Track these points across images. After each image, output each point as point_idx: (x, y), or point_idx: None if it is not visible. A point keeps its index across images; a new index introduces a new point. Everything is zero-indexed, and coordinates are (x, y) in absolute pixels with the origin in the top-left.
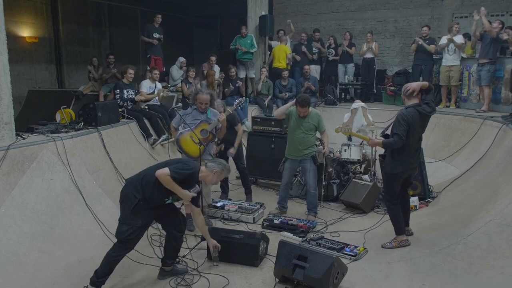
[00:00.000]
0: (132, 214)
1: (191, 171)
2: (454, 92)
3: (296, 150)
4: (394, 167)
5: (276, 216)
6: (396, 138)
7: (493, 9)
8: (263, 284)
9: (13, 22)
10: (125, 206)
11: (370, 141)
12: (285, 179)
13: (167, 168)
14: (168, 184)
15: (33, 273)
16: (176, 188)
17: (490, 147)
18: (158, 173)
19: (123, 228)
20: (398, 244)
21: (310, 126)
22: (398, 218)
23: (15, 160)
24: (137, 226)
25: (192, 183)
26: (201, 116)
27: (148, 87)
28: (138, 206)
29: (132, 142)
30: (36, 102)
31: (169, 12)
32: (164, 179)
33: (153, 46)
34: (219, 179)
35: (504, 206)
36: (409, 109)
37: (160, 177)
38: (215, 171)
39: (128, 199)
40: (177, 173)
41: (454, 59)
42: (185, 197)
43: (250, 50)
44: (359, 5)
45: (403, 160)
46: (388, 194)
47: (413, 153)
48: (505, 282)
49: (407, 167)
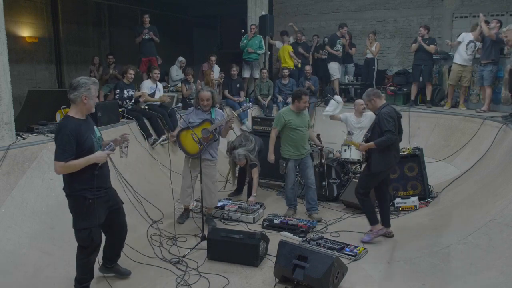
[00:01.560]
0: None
1: (64, 132)
2: (463, 92)
3: (300, 149)
4: (380, 165)
5: (276, 216)
6: (389, 134)
7: (493, 9)
8: (263, 284)
9: (13, 22)
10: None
11: (360, 147)
12: (291, 180)
13: (55, 162)
14: (73, 168)
15: (33, 273)
16: (83, 162)
17: (490, 147)
18: (56, 170)
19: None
20: (376, 234)
21: (307, 121)
22: (372, 209)
23: (15, 160)
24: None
25: (83, 137)
26: (205, 115)
27: (149, 87)
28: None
29: (132, 142)
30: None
31: (169, 12)
32: (64, 169)
33: (145, 46)
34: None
35: (504, 206)
36: (386, 107)
37: (60, 172)
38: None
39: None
40: (64, 150)
41: (469, 60)
42: (100, 159)
43: (258, 52)
44: (359, 5)
45: (393, 156)
46: (364, 190)
47: (398, 147)
48: (506, 282)
49: (393, 162)
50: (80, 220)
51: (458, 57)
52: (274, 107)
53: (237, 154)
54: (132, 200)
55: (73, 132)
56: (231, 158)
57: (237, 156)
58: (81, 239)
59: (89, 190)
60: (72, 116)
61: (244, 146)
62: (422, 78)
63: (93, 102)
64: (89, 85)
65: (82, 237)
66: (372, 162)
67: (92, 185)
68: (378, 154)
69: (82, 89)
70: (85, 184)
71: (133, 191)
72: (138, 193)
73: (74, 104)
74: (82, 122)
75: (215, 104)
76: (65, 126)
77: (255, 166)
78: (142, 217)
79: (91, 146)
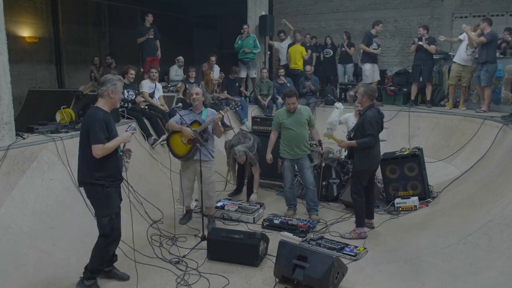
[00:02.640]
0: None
1: (97, 118)
2: (463, 92)
3: (294, 149)
4: (364, 163)
5: (276, 216)
6: (371, 138)
7: (493, 9)
8: (263, 284)
9: (13, 22)
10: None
11: (342, 143)
12: (288, 179)
13: (94, 145)
14: (109, 149)
15: (33, 273)
16: (115, 143)
17: (490, 147)
18: (96, 153)
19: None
20: (357, 236)
21: (302, 120)
22: (362, 211)
23: (15, 160)
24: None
25: (111, 125)
26: (195, 116)
27: (148, 87)
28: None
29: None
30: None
31: (169, 12)
32: (104, 151)
33: (149, 46)
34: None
35: (504, 206)
36: (371, 109)
37: (100, 154)
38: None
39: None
40: (101, 134)
41: (469, 60)
42: (127, 139)
43: (254, 51)
44: (359, 5)
45: (374, 155)
46: (358, 190)
47: (378, 146)
48: (506, 282)
49: (375, 161)
50: (101, 208)
51: (458, 57)
52: (274, 107)
53: (237, 151)
54: (132, 200)
55: (105, 119)
56: (230, 156)
57: (237, 152)
58: (103, 226)
59: (105, 179)
60: (99, 107)
61: (243, 143)
62: (422, 78)
63: (118, 97)
64: (115, 81)
65: (103, 224)
66: (355, 161)
67: (109, 173)
68: (360, 153)
69: (108, 84)
70: (105, 172)
71: (133, 191)
72: (138, 193)
73: (101, 98)
74: (108, 114)
75: (206, 104)
76: (97, 113)
77: (255, 164)
78: (142, 217)
79: (116, 135)
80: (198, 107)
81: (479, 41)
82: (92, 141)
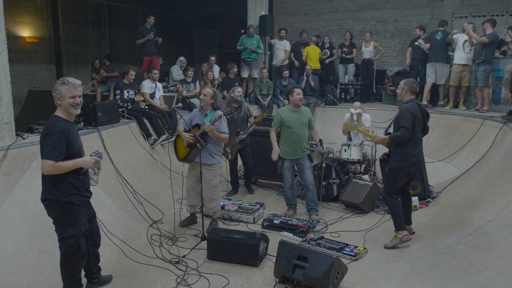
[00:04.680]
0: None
1: (56, 130)
2: (463, 92)
3: (297, 148)
4: (400, 160)
5: (276, 216)
6: (403, 130)
7: (493, 9)
8: (263, 284)
9: (13, 22)
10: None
11: (376, 138)
12: (288, 180)
13: (45, 160)
14: (61, 169)
15: (33, 273)
16: (71, 164)
17: (490, 147)
18: (44, 170)
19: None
20: (399, 241)
21: (304, 121)
22: (399, 213)
23: (15, 160)
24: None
25: (73, 138)
26: (201, 118)
27: (149, 87)
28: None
29: (132, 142)
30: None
31: (169, 12)
32: (53, 169)
33: (147, 45)
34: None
35: (504, 206)
36: (410, 103)
37: (48, 172)
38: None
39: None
40: (54, 149)
41: (469, 59)
42: (88, 164)
43: (257, 51)
44: (359, 5)
45: (409, 153)
46: (391, 189)
47: (417, 145)
48: (505, 282)
49: (413, 160)
50: (66, 227)
51: (457, 57)
52: (274, 107)
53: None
54: (132, 200)
55: (64, 131)
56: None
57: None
58: (68, 247)
59: (77, 195)
60: (59, 115)
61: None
62: (419, 79)
63: (66, 102)
64: (57, 85)
65: (69, 245)
66: (390, 158)
67: (79, 190)
68: (394, 149)
69: (53, 91)
70: (72, 189)
71: (133, 191)
72: (138, 193)
73: (57, 106)
74: (69, 123)
75: (216, 106)
76: (56, 124)
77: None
78: (142, 217)
79: (79, 149)
80: (204, 108)
81: (481, 40)
82: (43, 155)
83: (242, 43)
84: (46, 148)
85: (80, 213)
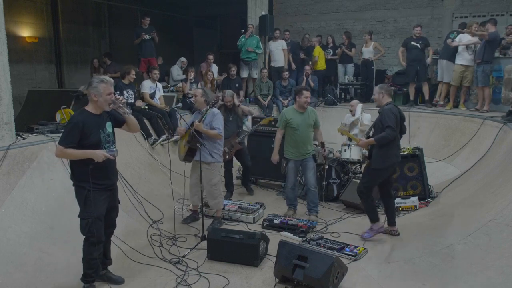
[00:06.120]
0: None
1: (73, 121)
2: (464, 92)
3: (301, 150)
4: (383, 161)
5: (276, 216)
6: (389, 130)
7: (493, 9)
8: (263, 284)
9: (13, 22)
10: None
11: (360, 142)
12: (291, 180)
13: (58, 145)
14: (69, 155)
15: (33, 273)
16: (79, 153)
17: (490, 147)
18: (55, 153)
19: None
20: (375, 232)
21: (310, 122)
22: (372, 207)
23: (15, 160)
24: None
25: (89, 129)
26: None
27: (149, 87)
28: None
29: (132, 142)
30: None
31: (169, 12)
32: (62, 154)
33: (145, 47)
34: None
35: (504, 206)
36: (389, 105)
37: (58, 155)
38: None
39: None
40: (66, 137)
41: (472, 60)
42: (97, 157)
43: (257, 51)
44: (359, 5)
45: (392, 153)
46: (367, 188)
47: (399, 146)
48: (505, 282)
49: (395, 160)
50: (81, 210)
51: (460, 58)
52: (274, 107)
53: (226, 93)
54: (132, 200)
55: (80, 123)
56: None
57: (226, 93)
58: (81, 228)
59: (87, 182)
60: (87, 109)
61: None
62: (417, 79)
63: (103, 99)
64: (96, 83)
65: (81, 226)
66: (373, 159)
67: (89, 179)
68: (378, 150)
69: (90, 87)
70: (82, 176)
71: (133, 191)
72: (138, 193)
73: (90, 101)
74: (94, 116)
75: (210, 104)
76: (75, 116)
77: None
78: (142, 217)
79: (97, 141)
80: (200, 108)
81: (482, 35)
82: (59, 140)
83: (243, 44)
84: (61, 135)
85: (92, 198)
